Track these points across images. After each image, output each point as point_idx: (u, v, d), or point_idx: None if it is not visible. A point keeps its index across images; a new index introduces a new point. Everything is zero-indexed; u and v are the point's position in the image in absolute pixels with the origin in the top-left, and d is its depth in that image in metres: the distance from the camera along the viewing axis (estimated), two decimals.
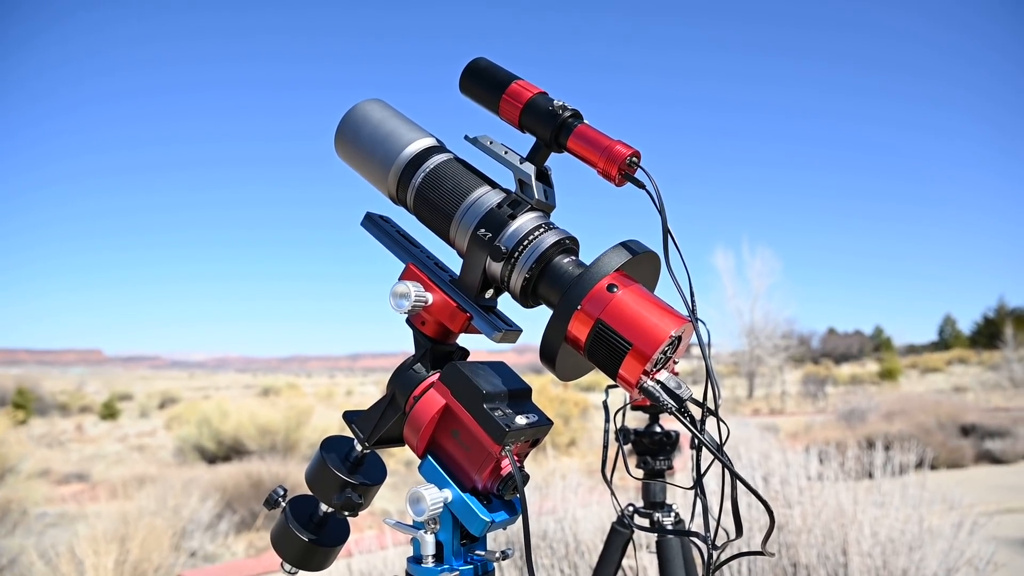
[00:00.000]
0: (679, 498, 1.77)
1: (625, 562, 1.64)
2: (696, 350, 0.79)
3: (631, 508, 1.66)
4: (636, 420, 1.97)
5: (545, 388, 13.93)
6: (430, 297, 0.86)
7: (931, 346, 56.23)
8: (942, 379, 30.23)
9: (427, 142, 0.94)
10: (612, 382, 0.80)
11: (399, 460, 8.70)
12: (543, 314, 0.83)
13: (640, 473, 1.71)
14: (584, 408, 13.33)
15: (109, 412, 23.74)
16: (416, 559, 0.84)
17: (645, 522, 1.66)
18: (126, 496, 6.80)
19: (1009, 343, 25.87)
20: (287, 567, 0.90)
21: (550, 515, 3.33)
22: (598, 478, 6.39)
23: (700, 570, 1.52)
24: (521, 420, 0.80)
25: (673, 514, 1.65)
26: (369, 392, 27.25)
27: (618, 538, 1.61)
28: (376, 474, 0.91)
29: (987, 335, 44.71)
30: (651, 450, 1.71)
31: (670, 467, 1.69)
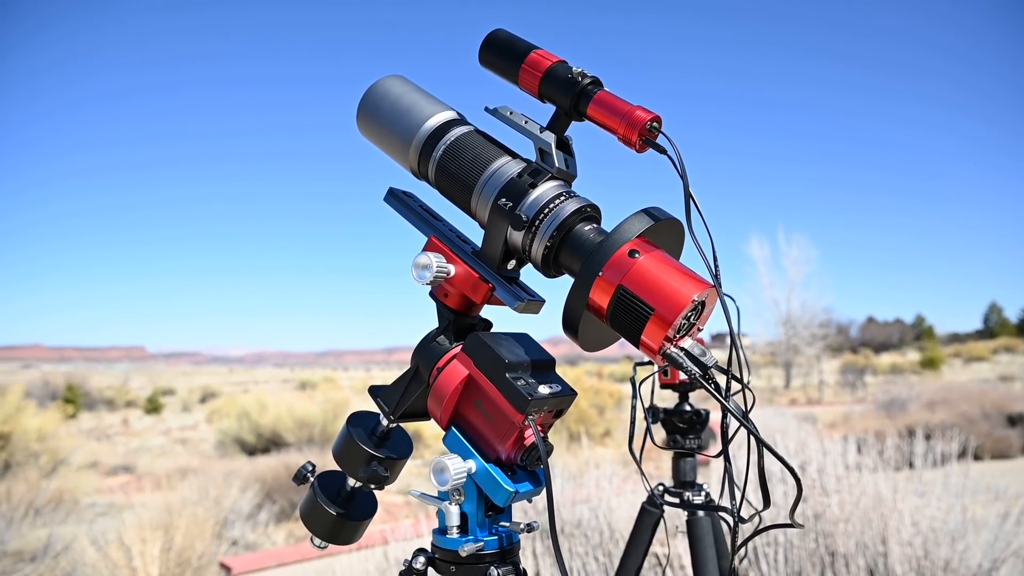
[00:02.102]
0: (710, 477, 1.76)
1: (656, 549, 1.64)
2: (727, 337, 0.78)
3: (661, 487, 1.66)
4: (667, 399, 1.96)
5: (580, 379, 13.91)
6: (452, 268, 0.86)
7: (976, 335, 54.64)
8: (987, 368, 29.38)
9: (447, 115, 0.93)
10: (641, 360, 0.79)
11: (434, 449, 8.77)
12: (567, 284, 0.82)
13: (668, 454, 1.70)
14: (619, 399, 13.27)
15: (153, 407, 24.39)
16: (441, 530, 0.84)
17: (675, 502, 1.65)
18: (170, 487, 7.00)
19: None
20: (317, 541, 0.91)
21: (584, 504, 3.33)
22: (633, 467, 6.37)
23: (729, 543, 1.52)
24: (544, 389, 0.80)
25: (704, 493, 1.64)
26: None
27: (648, 518, 1.60)
28: (402, 448, 0.92)
29: None
30: (681, 429, 1.69)
31: (700, 446, 1.68)
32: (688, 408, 1.70)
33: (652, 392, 0.99)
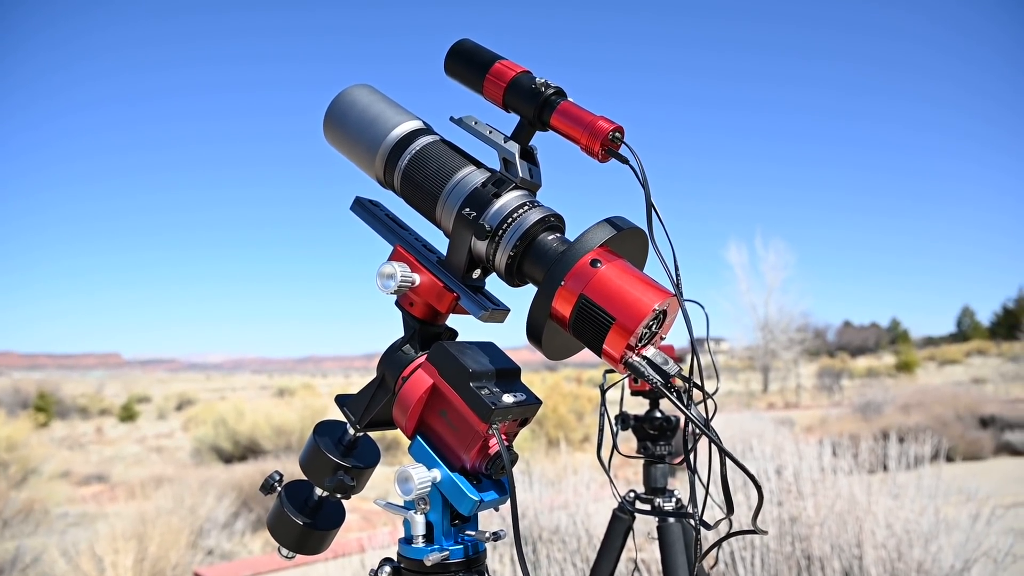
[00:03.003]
0: (680, 484, 1.76)
1: (626, 555, 1.65)
2: (714, 344, 0.78)
3: (632, 494, 1.66)
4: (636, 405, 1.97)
5: (559, 384, 13.93)
6: (417, 278, 0.86)
7: (949, 338, 55.66)
8: (961, 371, 29.92)
9: (413, 124, 0.94)
10: (610, 368, 0.79)
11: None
12: (532, 294, 0.83)
13: (626, 450, 1.71)
14: (597, 404, 13.29)
15: (128, 414, 24.03)
16: (407, 539, 0.84)
17: (647, 508, 1.66)
18: (144, 496, 6.89)
19: None
20: (284, 551, 0.91)
21: (563, 510, 3.33)
22: (612, 473, 6.37)
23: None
24: (508, 399, 0.80)
25: (674, 499, 1.65)
26: None
27: (619, 524, 1.61)
28: (369, 457, 0.92)
29: (1007, 326, 44.20)
30: (651, 436, 1.70)
31: (670, 453, 1.69)
32: (659, 415, 1.71)
33: (622, 399, 0.99)
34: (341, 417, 0.94)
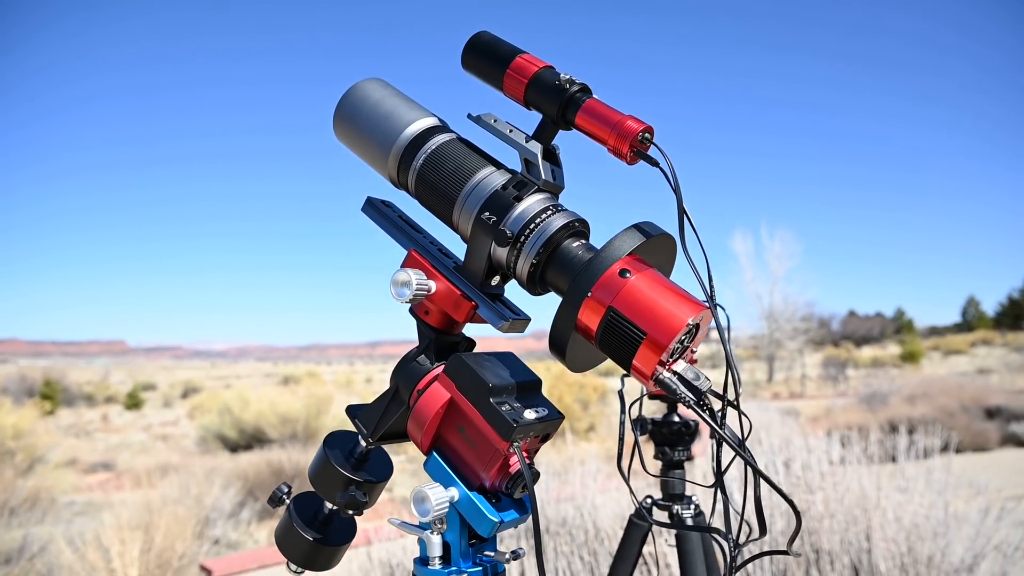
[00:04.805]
0: (699, 490, 1.73)
1: (646, 550, 1.61)
2: (714, 334, 0.76)
3: (649, 500, 1.61)
4: (654, 408, 1.92)
5: (564, 373, 13.93)
6: (433, 285, 0.82)
7: (954, 328, 55.48)
8: (965, 361, 29.84)
9: (428, 122, 0.89)
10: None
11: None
12: (555, 300, 0.79)
13: (657, 467, 1.65)
14: (603, 393, 13.31)
15: (133, 402, 24.16)
16: (422, 560, 0.80)
17: (664, 514, 1.61)
18: (150, 485, 6.92)
19: None
20: (293, 567, 0.88)
21: (569, 502, 3.32)
22: (616, 464, 6.36)
23: (722, 565, 1.49)
24: (530, 415, 0.76)
25: (693, 506, 1.59)
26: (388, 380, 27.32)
27: (636, 531, 1.56)
28: (382, 471, 0.88)
29: (1012, 316, 44.09)
30: (669, 440, 1.64)
31: (689, 458, 1.63)
32: (677, 419, 1.65)
33: (640, 403, 0.94)
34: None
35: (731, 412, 0.72)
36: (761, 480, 0.64)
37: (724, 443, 0.69)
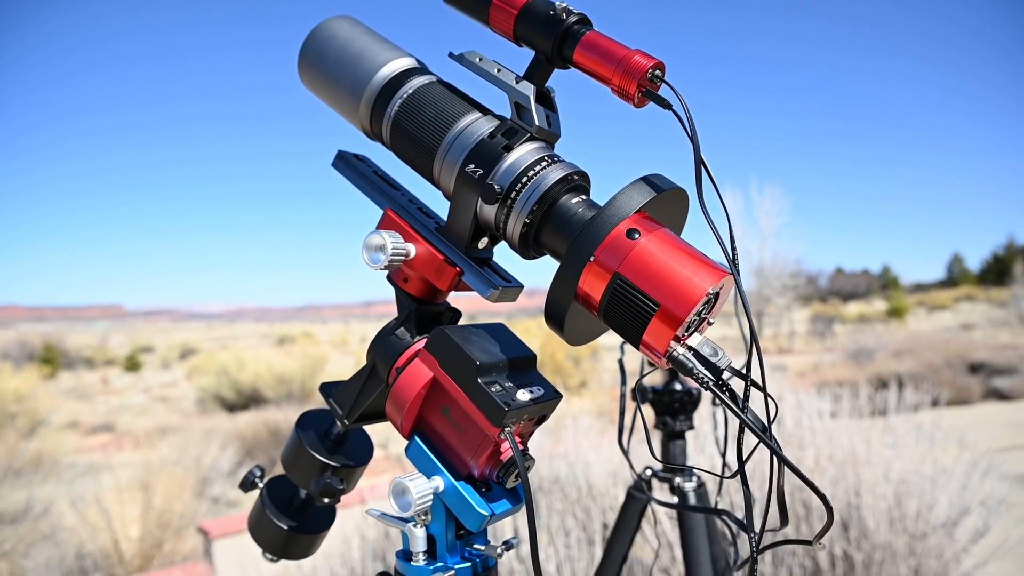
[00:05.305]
0: (702, 458, 1.64)
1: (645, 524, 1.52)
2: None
3: (648, 472, 1.50)
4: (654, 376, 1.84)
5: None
6: (412, 249, 0.72)
7: (939, 284, 55.96)
8: (949, 317, 30.18)
9: (404, 63, 0.77)
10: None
11: None
12: (552, 264, 0.69)
13: (657, 447, 1.54)
14: (595, 349, 13.41)
15: (132, 364, 24.29)
16: (405, 554, 0.71)
17: (665, 486, 1.51)
18: (150, 446, 7.00)
19: (1018, 280, 25.53)
20: (267, 555, 0.82)
21: (562, 459, 3.36)
22: (608, 419, 6.44)
23: (727, 545, 1.44)
24: (524, 395, 0.67)
25: (695, 479, 1.47)
26: None
27: (635, 504, 1.46)
28: (361, 454, 0.81)
29: (996, 272, 44.38)
30: (671, 409, 1.53)
31: (691, 427, 1.52)
32: (678, 387, 1.54)
33: (642, 371, 0.83)
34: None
35: (754, 393, 0.62)
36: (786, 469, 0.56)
37: (746, 429, 0.59)
